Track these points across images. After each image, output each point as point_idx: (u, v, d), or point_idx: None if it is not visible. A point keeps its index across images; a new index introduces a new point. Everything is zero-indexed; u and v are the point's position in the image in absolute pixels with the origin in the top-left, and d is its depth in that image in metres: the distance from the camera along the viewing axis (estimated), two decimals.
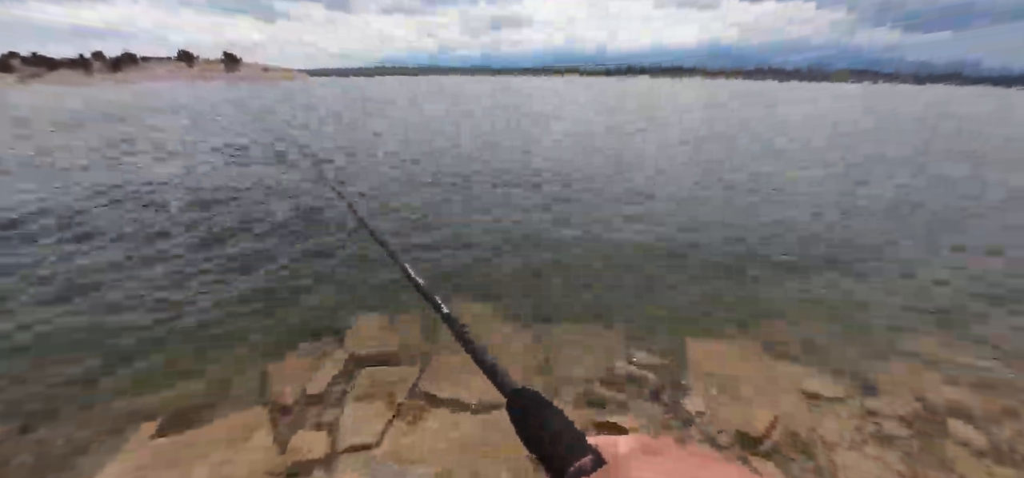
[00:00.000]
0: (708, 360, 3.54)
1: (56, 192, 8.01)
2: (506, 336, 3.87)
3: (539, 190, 8.53)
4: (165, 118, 21.48)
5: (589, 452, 0.41)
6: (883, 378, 3.38)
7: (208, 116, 22.16)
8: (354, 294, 4.52)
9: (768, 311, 4.32)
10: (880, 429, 2.88)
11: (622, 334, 3.89)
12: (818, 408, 3.07)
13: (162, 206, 7.34)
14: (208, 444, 2.71)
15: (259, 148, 12.99)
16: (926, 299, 4.58)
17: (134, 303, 4.36)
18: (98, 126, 18.09)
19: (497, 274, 5.06)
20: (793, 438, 2.81)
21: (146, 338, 3.83)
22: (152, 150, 12.47)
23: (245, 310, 4.28)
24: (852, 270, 5.20)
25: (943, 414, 3.03)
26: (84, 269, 5.04)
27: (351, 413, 2.95)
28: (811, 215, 7.21)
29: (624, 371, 3.41)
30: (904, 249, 5.87)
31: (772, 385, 3.28)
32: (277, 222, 6.65)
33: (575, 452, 0.41)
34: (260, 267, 5.15)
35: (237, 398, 3.16)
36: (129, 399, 3.14)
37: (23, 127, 17.80)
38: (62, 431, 2.88)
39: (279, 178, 9.30)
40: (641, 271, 5.14)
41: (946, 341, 3.86)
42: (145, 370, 3.44)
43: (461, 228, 6.40)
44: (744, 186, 9.03)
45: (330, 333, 3.92)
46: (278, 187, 8.55)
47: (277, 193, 8.14)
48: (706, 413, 2.98)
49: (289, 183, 9.05)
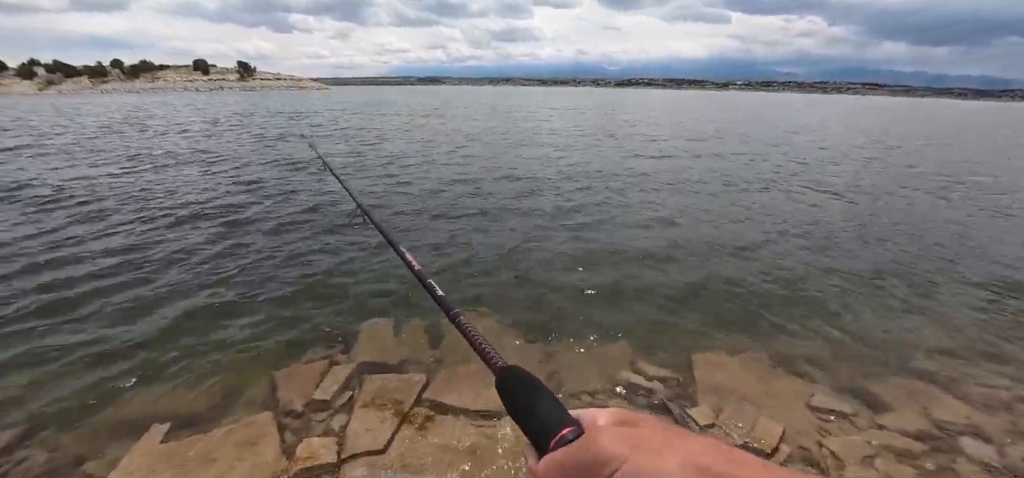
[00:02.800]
0: (716, 372, 3.51)
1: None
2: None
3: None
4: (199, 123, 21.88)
5: (571, 423, 0.44)
6: (894, 394, 3.33)
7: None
8: (362, 302, 4.55)
9: (777, 324, 4.28)
10: (891, 445, 2.84)
11: (628, 345, 3.88)
12: (828, 423, 3.04)
13: (173, 211, 7.45)
14: (216, 449, 2.73)
15: (247, 141, 13.17)
16: (942, 315, 4.51)
17: (144, 307, 4.42)
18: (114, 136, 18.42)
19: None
20: (802, 453, 2.78)
21: (156, 342, 3.89)
22: (160, 156, 12.67)
23: (252, 316, 4.32)
24: (867, 283, 5.14)
25: (956, 431, 2.98)
26: (92, 274, 5.12)
27: (358, 420, 2.96)
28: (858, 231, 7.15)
29: (631, 381, 3.40)
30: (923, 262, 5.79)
31: (781, 399, 3.25)
32: (285, 225, 6.72)
33: (558, 423, 0.44)
34: (269, 273, 5.21)
35: (245, 404, 3.19)
36: (139, 403, 3.19)
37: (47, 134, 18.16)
38: (73, 433, 2.93)
39: (286, 177, 9.40)
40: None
41: (960, 358, 3.80)
42: (155, 374, 3.48)
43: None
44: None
45: (338, 340, 3.94)
46: (287, 187, 8.64)
47: (286, 194, 8.23)
48: (715, 426, 2.96)
49: (298, 183, 9.16)
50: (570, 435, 0.42)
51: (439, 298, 0.77)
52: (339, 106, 41.09)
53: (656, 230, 6.91)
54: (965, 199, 9.28)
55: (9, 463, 2.70)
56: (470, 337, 0.63)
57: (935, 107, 74.38)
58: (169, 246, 5.97)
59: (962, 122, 37.14)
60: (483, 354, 0.59)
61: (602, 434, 0.38)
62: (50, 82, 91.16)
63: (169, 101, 48.11)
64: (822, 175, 11.49)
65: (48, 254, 5.62)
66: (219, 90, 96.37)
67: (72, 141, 15.64)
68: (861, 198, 9.18)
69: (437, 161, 12.53)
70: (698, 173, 11.35)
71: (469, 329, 0.64)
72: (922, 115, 47.08)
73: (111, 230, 6.53)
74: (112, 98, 59.43)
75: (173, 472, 2.57)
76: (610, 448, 0.36)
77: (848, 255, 6.00)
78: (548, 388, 0.49)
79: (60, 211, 7.37)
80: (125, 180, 9.71)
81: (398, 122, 24.76)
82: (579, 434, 0.42)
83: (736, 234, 6.76)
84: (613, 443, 0.37)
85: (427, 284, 0.81)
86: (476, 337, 0.62)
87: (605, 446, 0.37)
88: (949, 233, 7.00)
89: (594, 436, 0.39)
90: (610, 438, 0.37)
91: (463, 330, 0.65)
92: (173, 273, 5.18)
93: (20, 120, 24.17)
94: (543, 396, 0.47)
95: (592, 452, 0.37)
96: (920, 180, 11.07)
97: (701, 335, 4.09)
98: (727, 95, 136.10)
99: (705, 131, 22.19)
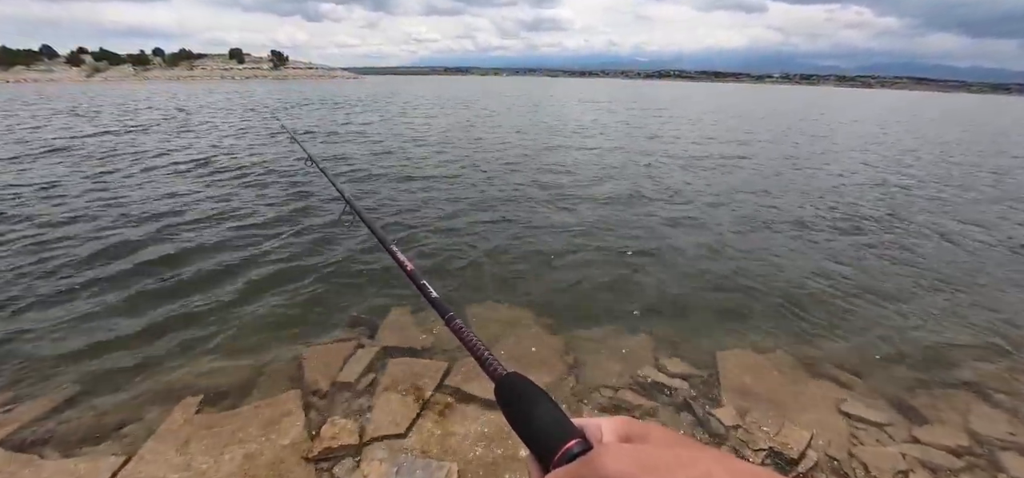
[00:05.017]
0: (742, 372, 3.43)
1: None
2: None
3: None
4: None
5: (575, 434, 0.41)
6: (932, 405, 3.18)
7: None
8: (387, 289, 4.62)
9: (807, 323, 4.15)
10: (927, 460, 2.72)
11: (651, 341, 3.83)
12: (860, 432, 2.93)
13: (209, 197, 7.71)
14: (245, 423, 2.83)
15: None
16: (985, 324, 4.28)
17: (178, 288, 4.61)
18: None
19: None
20: (830, 462, 2.69)
21: (192, 321, 4.05)
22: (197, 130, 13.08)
23: (282, 298, 4.44)
24: (907, 287, 4.92)
25: (998, 446, 2.83)
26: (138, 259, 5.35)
27: (381, 403, 3.02)
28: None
29: (654, 378, 3.35)
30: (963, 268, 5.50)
31: (810, 403, 3.15)
32: (312, 212, 6.88)
33: (562, 436, 0.41)
34: (296, 258, 5.35)
35: (273, 382, 3.29)
36: (175, 376, 3.33)
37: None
38: (114, 401, 3.08)
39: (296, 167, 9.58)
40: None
41: (1002, 370, 3.60)
42: (190, 351, 3.63)
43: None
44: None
45: (363, 324, 4.03)
46: (302, 173, 8.81)
47: (305, 181, 8.41)
48: (739, 427, 2.90)
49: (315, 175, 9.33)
50: (576, 448, 0.40)
51: (433, 300, 0.73)
52: (404, 97, 40.79)
53: (684, 227, 6.77)
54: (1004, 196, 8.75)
55: (50, 426, 2.86)
56: (468, 342, 0.59)
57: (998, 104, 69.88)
58: (201, 232, 6.19)
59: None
60: (482, 361, 0.55)
61: (608, 454, 0.36)
62: (96, 69, 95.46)
63: (212, 89, 49.57)
64: (852, 174, 11.03)
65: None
66: (253, 78, 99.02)
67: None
68: (901, 197, 8.77)
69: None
70: (729, 171, 11.05)
71: (466, 333, 0.61)
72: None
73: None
74: (158, 86, 61.76)
75: (204, 444, 2.67)
76: (617, 470, 0.34)
77: (887, 256, 5.75)
78: (551, 397, 0.46)
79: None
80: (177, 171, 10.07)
81: (470, 115, 24.37)
82: (585, 447, 0.40)
83: (767, 233, 6.56)
84: (620, 464, 0.35)
85: (420, 285, 0.76)
86: (474, 342, 0.58)
87: (612, 470, 0.35)
88: (999, 235, 6.62)
89: (601, 456, 0.36)
90: (616, 458, 0.35)
91: (459, 334, 0.61)
92: (204, 256, 5.37)
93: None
94: (546, 406, 0.45)
95: (599, 475, 0.35)
96: (966, 177, 10.50)
97: (728, 333, 4.00)
98: (764, 88, 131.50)
99: (750, 130, 21.55)
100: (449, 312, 0.68)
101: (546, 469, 0.40)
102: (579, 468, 0.37)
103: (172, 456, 2.59)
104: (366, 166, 10.51)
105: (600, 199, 8.07)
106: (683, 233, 6.50)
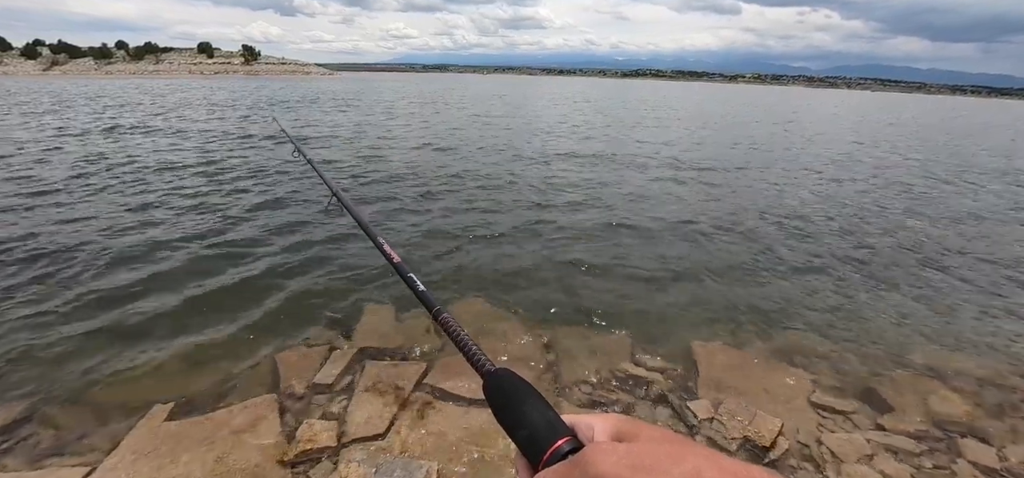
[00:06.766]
0: (717, 366, 3.51)
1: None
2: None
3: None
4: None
5: (566, 433, 0.40)
6: (895, 393, 3.32)
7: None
8: (363, 288, 4.56)
9: (779, 317, 4.27)
10: (891, 444, 2.84)
11: (628, 337, 3.88)
12: (827, 420, 3.04)
13: (175, 192, 7.47)
14: (217, 428, 2.76)
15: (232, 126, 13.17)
16: (944, 312, 4.49)
17: (148, 289, 4.45)
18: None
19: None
20: (801, 449, 2.79)
21: (161, 324, 3.92)
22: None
23: (256, 300, 4.33)
24: (874, 278, 5.12)
25: (956, 432, 2.97)
26: (103, 261, 5.14)
27: (359, 404, 2.98)
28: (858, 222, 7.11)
29: (631, 373, 3.40)
30: (926, 259, 5.76)
31: (781, 394, 3.25)
32: (285, 210, 6.73)
33: (552, 434, 0.40)
34: (269, 258, 5.22)
35: (246, 385, 3.21)
36: (143, 384, 3.21)
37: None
38: (78, 412, 2.95)
39: (267, 160, 9.38)
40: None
41: (964, 358, 3.79)
42: (159, 356, 3.50)
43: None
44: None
45: (339, 325, 3.96)
46: (276, 170, 8.63)
47: (281, 179, 8.23)
48: (714, 419, 2.97)
49: (294, 169, 9.12)
50: (566, 446, 0.39)
51: (421, 293, 0.70)
52: (382, 95, 40.47)
53: (663, 224, 6.88)
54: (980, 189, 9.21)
55: (14, 438, 2.73)
56: (456, 337, 0.57)
57: (953, 105, 73.33)
58: (172, 229, 5.99)
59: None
60: (470, 356, 0.53)
61: (598, 453, 0.36)
62: (54, 63, 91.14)
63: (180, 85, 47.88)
64: (819, 166, 11.41)
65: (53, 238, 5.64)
66: (223, 73, 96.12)
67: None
68: (863, 193, 9.11)
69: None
70: (702, 164, 11.28)
71: (455, 328, 0.58)
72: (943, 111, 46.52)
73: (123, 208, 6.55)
74: (113, 82, 59.25)
75: (175, 451, 2.59)
76: (607, 471, 0.34)
77: (851, 249, 5.97)
78: (541, 394, 0.45)
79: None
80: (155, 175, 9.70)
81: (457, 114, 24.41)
82: (575, 446, 0.39)
83: (741, 228, 6.73)
84: (610, 464, 0.34)
85: (408, 278, 0.74)
86: (463, 337, 0.56)
87: (601, 470, 0.34)
88: (963, 229, 6.94)
89: (590, 455, 0.36)
90: (606, 458, 0.35)
91: (448, 329, 0.59)
92: (173, 255, 5.20)
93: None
94: (536, 403, 0.43)
95: (588, 475, 0.35)
96: (935, 169, 10.99)
97: (702, 326, 4.09)
98: (737, 88, 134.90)
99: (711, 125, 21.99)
100: (437, 306, 0.66)
101: (535, 468, 0.40)
102: (568, 468, 0.36)
103: (140, 464, 2.50)
104: (345, 161, 10.35)
105: (581, 199, 8.13)
106: (663, 231, 6.60)
